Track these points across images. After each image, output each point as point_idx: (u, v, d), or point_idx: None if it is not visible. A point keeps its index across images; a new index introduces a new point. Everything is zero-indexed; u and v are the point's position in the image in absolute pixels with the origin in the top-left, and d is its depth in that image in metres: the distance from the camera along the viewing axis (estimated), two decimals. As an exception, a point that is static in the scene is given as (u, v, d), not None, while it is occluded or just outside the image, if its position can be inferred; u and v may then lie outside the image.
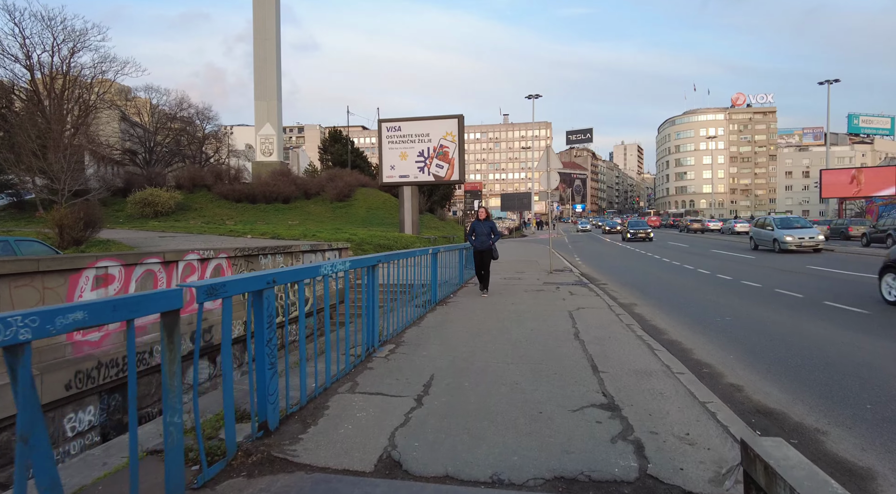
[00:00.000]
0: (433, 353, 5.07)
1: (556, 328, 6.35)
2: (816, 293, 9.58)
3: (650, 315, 7.98)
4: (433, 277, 8.33)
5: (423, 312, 7.48)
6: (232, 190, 37.63)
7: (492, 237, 9.40)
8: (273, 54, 45.12)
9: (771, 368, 4.91)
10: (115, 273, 6.39)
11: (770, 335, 6.28)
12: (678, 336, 6.47)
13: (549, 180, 14.44)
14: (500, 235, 9.51)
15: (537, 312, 7.56)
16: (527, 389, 3.92)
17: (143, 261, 6.94)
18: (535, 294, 9.66)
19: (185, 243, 19.19)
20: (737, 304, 8.75)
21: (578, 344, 5.43)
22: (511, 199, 66.37)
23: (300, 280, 3.45)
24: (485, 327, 6.41)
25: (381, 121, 25.40)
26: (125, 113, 47.81)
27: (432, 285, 8.31)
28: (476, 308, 7.95)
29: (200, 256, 8.16)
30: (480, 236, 9.37)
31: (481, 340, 5.64)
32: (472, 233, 9.45)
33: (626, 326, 6.51)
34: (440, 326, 6.48)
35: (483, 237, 9.34)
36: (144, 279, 7.02)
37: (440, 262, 9.19)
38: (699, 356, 5.46)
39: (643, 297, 10.13)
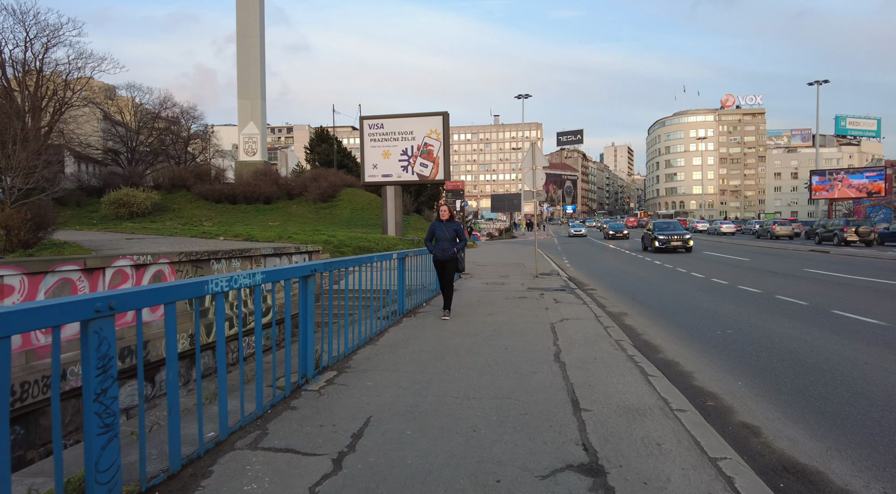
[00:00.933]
0: (380, 383, 4.15)
1: (534, 345, 5.46)
2: (821, 301, 8.80)
3: (642, 327, 7.12)
4: (400, 285, 7.41)
5: (386, 325, 6.55)
6: (212, 190, 36.43)
7: (456, 243, 7.31)
8: (257, 53, 44.03)
9: (790, 400, 4.05)
10: (13, 284, 5.40)
11: (779, 353, 5.44)
12: (675, 354, 5.61)
13: (535, 179, 13.59)
14: (467, 240, 7.70)
15: (515, 325, 6.67)
16: (486, 439, 3.02)
17: (56, 269, 5.95)
18: (516, 302, 8.78)
19: (152, 245, 18.08)
20: (737, 313, 7.93)
21: (558, 369, 4.54)
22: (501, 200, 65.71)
23: (168, 302, 2.51)
24: (451, 345, 5.50)
25: (363, 118, 24.42)
26: (107, 112, 46.41)
27: (399, 294, 7.38)
28: (447, 321, 7.04)
29: (134, 261, 7.17)
30: (442, 242, 7.24)
31: (444, 364, 4.73)
32: (432, 237, 7.35)
33: (616, 342, 5.64)
34: (400, 344, 5.57)
35: (445, 243, 7.24)
36: (59, 290, 6.03)
37: (412, 266, 8.28)
38: (701, 383, 4.59)
39: (634, 304, 9.29)
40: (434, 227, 7.35)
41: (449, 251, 7.21)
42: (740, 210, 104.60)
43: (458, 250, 7.32)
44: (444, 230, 7.21)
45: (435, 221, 7.36)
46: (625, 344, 5.61)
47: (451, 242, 7.26)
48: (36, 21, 32.61)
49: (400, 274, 7.41)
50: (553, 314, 7.48)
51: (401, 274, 7.42)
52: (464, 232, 7.42)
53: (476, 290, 10.66)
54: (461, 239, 7.37)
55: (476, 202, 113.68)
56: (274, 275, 3.53)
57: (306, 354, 4.11)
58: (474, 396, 3.80)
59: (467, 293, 10.04)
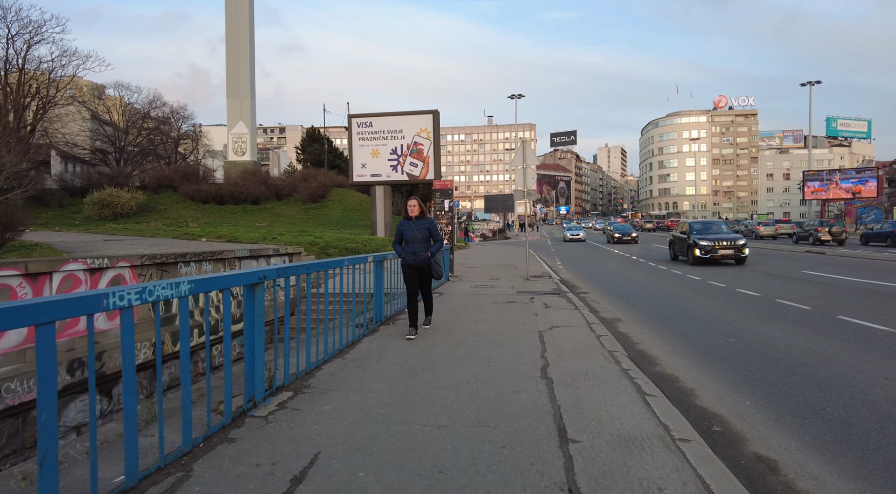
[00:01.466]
0: (340, 406, 3.61)
1: (519, 358, 4.95)
2: (825, 305, 8.36)
3: (637, 336, 6.63)
4: (377, 291, 6.87)
5: (360, 335, 6.02)
6: (199, 191, 35.70)
7: (430, 246, 6.10)
8: (246, 52, 43.40)
9: (808, 425, 3.55)
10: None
11: (788, 366, 4.96)
12: (673, 367, 5.11)
13: (526, 177, 13.10)
14: (443, 241, 6.28)
15: (501, 333, 6.15)
16: (453, 484, 2.50)
17: (-10, 274, 5.36)
18: (504, 308, 8.27)
19: (131, 247, 17.42)
20: (737, 319, 7.46)
21: (545, 386, 4.03)
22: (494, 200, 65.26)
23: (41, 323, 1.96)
24: (428, 359, 4.98)
25: (352, 116, 23.85)
26: (94, 111, 45.53)
27: (376, 300, 6.85)
28: (428, 330, 6.52)
29: (88, 265, 6.59)
30: (412, 244, 6.02)
31: (417, 381, 4.21)
32: (400, 239, 6.14)
33: (609, 354, 5.14)
34: (371, 358, 5.04)
35: (417, 245, 5.99)
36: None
37: (392, 269, 7.73)
38: (705, 402, 4.09)
39: (628, 309, 8.81)
40: (402, 226, 6.10)
41: (422, 255, 5.99)
42: (733, 211, 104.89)
43: (432, 254, 6.07)
44: (413, 230, 6.00)
45: (402, 219, 6.12)
46: (619, 356, 5.11)
47: (425, 243, 6.03)
48: (18, 17, 31.82)
49: (377, 279, 6.87)
50: (542, 321, 6.98)
51: (378, 279, 6.88)
52: (438, 231, 6.15)
53: (463, 294, 10.14)
54: (436, 240, 6.11)
55: (470, 203, 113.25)
56: (207, 284, 2.99)
57: (254, 374, 3.57)
58: (446, 423, 3.28)
59: (453, 298, 9.52)
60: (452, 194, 14.59)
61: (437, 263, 6.24)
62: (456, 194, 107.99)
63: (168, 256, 8.17)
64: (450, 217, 14.36)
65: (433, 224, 6.16)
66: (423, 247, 6.02)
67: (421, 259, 6.02)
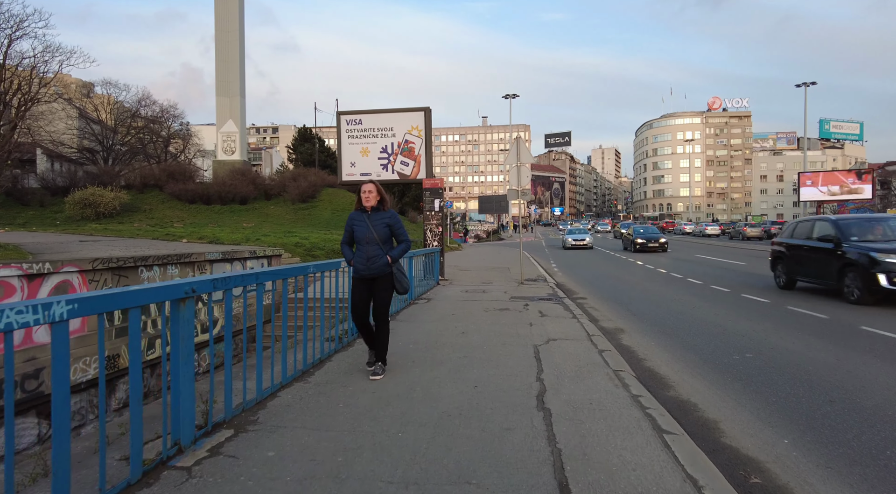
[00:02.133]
0: (287, 452, 2.90)
1: (512, 381, 4.26)
2: (842, 313, 7.73)
3: (643, 350, 5.96)
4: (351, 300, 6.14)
5: (332, 350, 5.31)
6: (185, 190, 34.80)
7: (392, 249, 4.50)
8: (236, 49, 42.54)
9: (869, 474, 2.87)
10: None
11: (823, 390, 4.29)
12: (689, 391, 4.43)
13: (520, 176, 12.44)
14: (410, 243, 4.67)
15: (492, 348, 5.46)
16: None
17: None
18: (496, 316, 7.59)
19: (106, 248, 16.58)
20: (750, 330, 6.81)
21: (541, 421, 3.34)
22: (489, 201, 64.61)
23: None
24: (405, 382, 4.27)
25: (340, 113, 22.94)
26: (81, 109, 44.47)
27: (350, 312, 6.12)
28: (409, 341, 5.82)
29: (24, 271, 5.83)
30: (366, 246, 4.37)
31: (387, 415, 3.51)
32: (350, 239, 4.51)
33: (615, 374, 4.46)
34: (337, 381, 4.32)
35: (372, 248, 4.36)
36: None
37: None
38: (735, 441, 3.40)
39: (629, 317, 8.15)
40: (352, 221, 4.44)
41: (378, 262, 4.33)
42: (727, 212, 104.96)
43: (393, 260, 4.41)
44: (368, 226, 4.35)
45: (354, 211, 4.49)
46: (626, 377, 4.43)
47: (384, 245, 4.38)
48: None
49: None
50: (538, 332, 6.30)
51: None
52: (403, 228, 4.53)
53: (453, 299, 9.44)
54: (400, 240, 4.50)
55: (464, 204, 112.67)
56: (102, 303, 2.27)
57: (179, 411, 2.85)
58: (416, 479, 2.57)
59: (441, 304, 8.82)
60: (443, 193, 13.88)
61: (401, 271, 4.59)
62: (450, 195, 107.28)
63: (126, 259, 7.42)
64: (440, 218, 13.65)
65: (396, 219, 4.51)
66: (381, 250, 4.36)
67: (377, 267, 4.35)
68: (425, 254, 11.68)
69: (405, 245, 4.55)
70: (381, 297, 4.49)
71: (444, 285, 12.04)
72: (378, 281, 4.47)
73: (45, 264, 6.06)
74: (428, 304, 8.89)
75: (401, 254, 4.52)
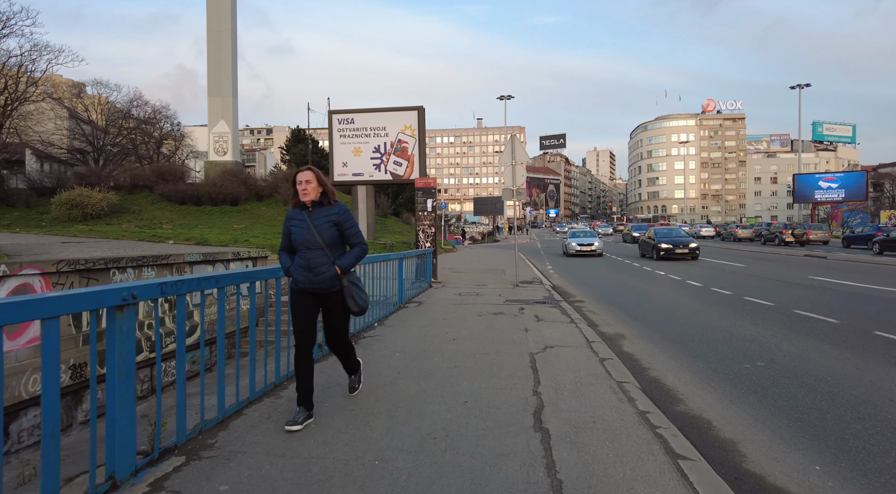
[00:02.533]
0: (239, 487, 2.48)
1: (506, 395, 3.86)
2: (852, 318, 7.39)
3: (647, 358, 5.57)
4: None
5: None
6: (176, 191, 34.18)
7: (341, 254, 3.46)
8: (228, 48, 42.01)
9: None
10: None
11: (849, 404, 3.91)
12: (701, 406, 4.04)
13: (515, 175, 12.06)
14: (366, 247, 3.55)
15: (485, 357, 5.06)
16: None
17: None
18: (489, 321, 7.18)
19: (88, 250, 16.07)
20: (758, 336, 6.44)
21: (539, 445, 2.94)
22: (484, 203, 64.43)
23: None
24: (388, 396, 3.86)
25: (332, 112, 22.59)
26: (71, 109, 43.80)
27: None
28: (395, 349, 5.41)
29: (-23, 273, 5.37)
30: (309, 253, 3.36)
31: (362, 437, 3.09)
32: (287, 244, 3.49)
33: (618, 387, 4.06)
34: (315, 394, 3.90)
35: (314, 255, 3.35)
36: None
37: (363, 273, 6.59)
38: (759, 467, 3.00)
39: (629, 321, 7.78)
40: (289, 221, 3.41)
41: (323, 273, 3.33)
42: (721, 214, 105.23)
43: (343, 271, 3.38)
44: (309, 227, 3.32)
45: (291, 209, 3.46)
46: (631, 389, 4.04)
47: (331, 251, 3.36)
48: (-17, 9, 30.28)
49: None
50: (534, 339, 5.90)
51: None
52: (356, 227, 3.50)
53: (444, 303, 9.04)
54: (354, 243, 3.48)
55: (459, 206, 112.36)
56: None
57: (115, 438, 2.42)
58: (391, 523, 2.16)
59: (432, 308, 8.42)
60: (436, 193, 13.48)
61: (356, 285, 3.51)
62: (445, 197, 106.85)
63: (96, 261, 6.96)
64: (432, 218, 13.25)
65: (346, 216, 3.46)
66: (327, 258, 3.33)
67: (322, 281, 3.33)
68: (417, 256, 11.27)
69: (359, 250, 3.47)
70: (334, 323, 3.52)
71: (436, 287, 11.64)
72: (325, 299, 3.45)
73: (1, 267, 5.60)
74: (418, 308, 8.48)
75: (354, 261, 3.44)
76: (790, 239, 31.32)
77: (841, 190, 53.18)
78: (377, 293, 7.36)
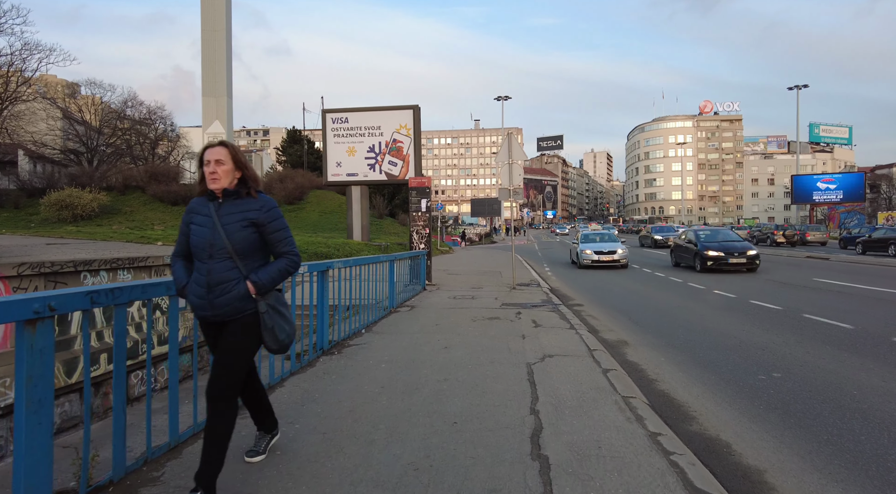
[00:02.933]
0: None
1: (500, 414, 3.45)
2: (866, 322, 7.01)
3: (653, 368, 5.17)
4: (320, 309, 5.31)
5: (285, 373, 4.46)
6: (168, 192, 33.72)
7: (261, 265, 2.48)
8: (223, 48, 41.44)
9: None
10: None
11: (887, 427, 3.50)
12: (718, 425, 3.64)
13: (512, 175, 11.66)
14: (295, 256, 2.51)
15: (478, 368, 4.65)
16: None
17: None
18: (484, 326, 6.78)
19: (71, 251, 15.61)
20: (770, 343, 6.05)
21: (537, 478, 2.53)
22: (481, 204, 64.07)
23: None
24: (367, 415, 3.44)
25: (326, 111, 22.26)
26: (65, 109, 43.24)
27: (320, 322, 5.29)
28: (382, 359, 4.99)
29: (-75, 277, 4.93)
30: (210, 264, 2.38)
31: (337, 465, 2.67)
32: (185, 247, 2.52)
33: (625, 403, 3.66)
34: (284, 416, 3.48)
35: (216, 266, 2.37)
36: None
37: (342, 277, 6.17)
38: (788, 499, 2.61)
39: (631, 326, 7.38)
40: (190, 215, 2.51)
41: (230, 293, 2.38)
42: (719, 215, 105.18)
43: (260, 289, 2.40)
44: (212, 227, 2.40)
45: (196, 198, 2.55)
46: (638, 405, 3.64)
47: (244, 261, 2.41)
48: (-28, 8, 29.83)
49: (320, 294, 5.29)
50: (531, 347, 5.50)
51: (321, 293, 5.31)
52: (285, 233, 2.52)
53: (438, 307, 8.63)
54: (280, 252, 2.51)
55: (457, 207, 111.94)
56: None
57: (23, 481, 2.00)
58: None
59: (426, 313, 8.00)
60: (430, 193, 13.07)
61: (280, 312, 2.49)
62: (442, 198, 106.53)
63: (65, 263, 6.51)
64: (427, 219, 12.84)
65: (270, 212, 2.49)
66: (236, 271, 2.39)
67: (226, 303, 2.38)
68: (411, 257, 10.87)
69: (286, 262, 2.46)
70: (226, 358, 2.40)
71: (430, 290, 11.23)
72: (230, 327, 2.41)
73: (-46, 270, 5.16)
74: (410, 312, 8.07)
75: (278, 277, 2.44)
76: (781, 240, 31.52)
77: (839, 191, 53.07)
78: (366, 297, 6.95)
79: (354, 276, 6.40)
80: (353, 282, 6.33)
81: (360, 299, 6.72)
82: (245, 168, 2.51)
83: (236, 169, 2.47)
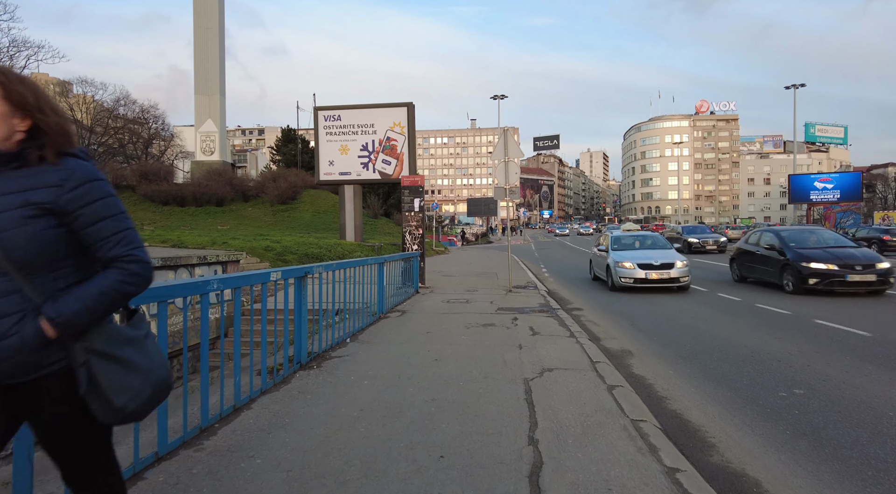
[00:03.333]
0: None
1: (494, 445, 3.00)
2: (882, 328, 6.61)
3: (663, 384, 4.73)
4: (298, 318, 4.85)
5: (259, 389, 4.00)
6: (159, 191, 33.13)
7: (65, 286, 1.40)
8: (216, 46, 40.93)
9: None
10: None
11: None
12: (744, 458, 3.20)
13: (508, 173, 11.23)
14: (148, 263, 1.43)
15: (470, 384, 4.20)
16: None
17: None
18: (479, 334, 6.33)
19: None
20: (786, 353, 5.64)
21: (539, 535, 2.08)
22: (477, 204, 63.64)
23: None
24: (338, 449, 2.99)
25: (318, 109, 21.76)
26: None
27: (297, 332, 4.83)
28: (365, 375, 4.54)
29: None
30: None
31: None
32: None
33: (635, 429, 3.22)
34: (245, 446, 3.02)
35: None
36: None
37: (325, 279, 5.70)
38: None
39: (635, 333, 6.96)
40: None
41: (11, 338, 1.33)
42: (715, 215, 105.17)
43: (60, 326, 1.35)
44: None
45: None
46: (650, 431, 3.20)
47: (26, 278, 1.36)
48: (-42, 4, 29.19)
49: (297, 300, 4.83)
50: (529, 359, 5.06)
51: (298, 300, 4.85)
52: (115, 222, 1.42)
53: (430, 312, 8.18)
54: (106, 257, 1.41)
55: (453, 207, 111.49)
56: None
57: None
58: None
59: (416, 318, 7.56)
60: (423, 192, 12.62)
61: (114, 356, 1.43)
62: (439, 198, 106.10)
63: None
64: (420, 218, 12.40)
65: (79, 187, 1.39)
66: (16, 299, 1.36)
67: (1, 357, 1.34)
68: (403, 259, 10.40)
69: (119, 275, 1.41)
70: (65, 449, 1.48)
71: (423, 293, 10.78)
72: (23, 399, 1.43)
73: None
74: (400, 318, 7.62)
75: (100, 306, 1.39)
76: None
77: (836, 191, 52.88)
78: (353, 301, 6.50)
79: (339, 280, 5.95)
80: (339, 286, 5.87)
81: (347, 304, 6.28)
82: (37, 112, 1.41)
83: (15, 112, 1.38)
